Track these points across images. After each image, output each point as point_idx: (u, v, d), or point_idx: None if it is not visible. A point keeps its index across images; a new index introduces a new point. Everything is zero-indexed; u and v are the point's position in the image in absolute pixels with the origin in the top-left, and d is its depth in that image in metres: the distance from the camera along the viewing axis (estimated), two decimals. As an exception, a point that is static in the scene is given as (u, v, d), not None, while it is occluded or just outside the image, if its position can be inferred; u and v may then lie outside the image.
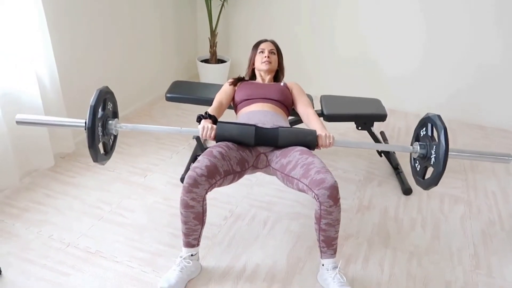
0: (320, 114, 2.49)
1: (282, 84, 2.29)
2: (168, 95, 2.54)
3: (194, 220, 1.74)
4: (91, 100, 1.74)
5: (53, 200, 2.32)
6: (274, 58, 2.33)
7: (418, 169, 2.00)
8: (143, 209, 2.28)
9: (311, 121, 2.07)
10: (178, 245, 1.96)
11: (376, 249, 2.07)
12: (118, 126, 1.92)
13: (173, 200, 2.36)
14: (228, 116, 2.30)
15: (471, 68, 3.37)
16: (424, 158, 1.92)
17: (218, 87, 2.51)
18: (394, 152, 2.74)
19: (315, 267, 1.91)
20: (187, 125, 3.11)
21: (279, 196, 2.44)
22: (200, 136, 1.88)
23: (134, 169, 2.64)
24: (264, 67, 2.29)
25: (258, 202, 2.38)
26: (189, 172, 1.67)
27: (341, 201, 1.69)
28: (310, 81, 3.93)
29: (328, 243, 1.76)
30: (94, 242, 2.03)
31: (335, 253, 1.79)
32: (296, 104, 2.24)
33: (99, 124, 1.82)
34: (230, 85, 2.30)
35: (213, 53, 3.87)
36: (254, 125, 1.87)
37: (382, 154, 2.76)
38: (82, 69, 2.79)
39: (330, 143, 1.86)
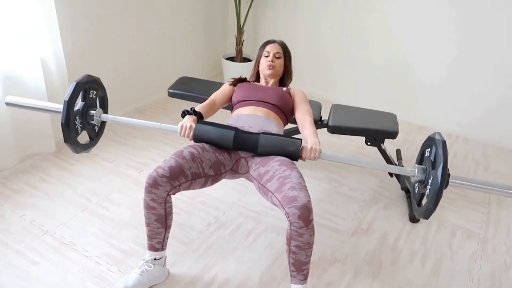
0: (325, 125, 2.32)
1: (284, 89, 2.14)
2: (170, 90, 2.48)
3: (156, 222, 1.65)
4: (66, 94, 1.71)
5: (47, 185, 2.34)
6: (279, 62, 2.18)
7: (416, 192, 1.79)
8: (129, 205, 2.24)
9: (304, 129, 1.91)
10: None
11: (362, 279, 1.88)
12: (100, 116, 1.88)
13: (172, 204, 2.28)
14: (224, 117, 2.19)
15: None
16: (422, 184, 1.71)
17: (224, 86, 2.41)
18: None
19: (287, 291, 1.77)
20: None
21: (271, 207, 2.30)
22: (179, 135, 1.79)
23: (132, 163, 2.61)
24: (267, 71, 2.15)
25: (248, 211, 2.26)
26: (151, 172, 1.59)
27: (337, 221, 1.53)
28: (334, 85, 3.74)
29: (298, 268, 1.61)
30: (71, 233, 2.01)
31: (305, 278, 1.63)
32: (295, 111, 2.08)
33: (78, 116, 1.79)
34: (230, 85, 2.19)
35: (239, 51, 3.78)
36: (235, 129, 1.75)
37: (393, 174, 2.53)
38: (93, 57, 2.80)
39: (315, 156, 1.70)
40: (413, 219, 2.26)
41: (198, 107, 1.94)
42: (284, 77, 2.25)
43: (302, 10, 3.62)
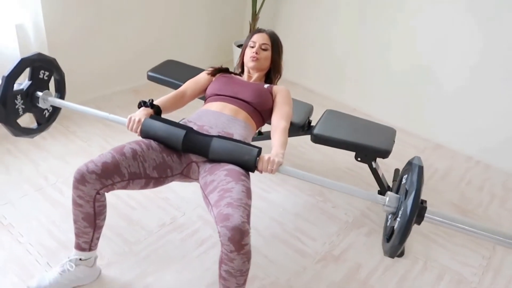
0: (310, 132, 2.04)
1: (266, 86, 1.89)
2: (150, 73, 2.28)
3: (83, 221, 1.48)
4: (8, 69, 1.55)
5: (10, 158, 2.23)
6: (265, 55, 1.92)
7: (387, 225, 1.51)
8: None
9: (273, 136, 1.67)
10: (102, 244, 1.70)
11: (314, 317, 1.63)
12: (47, 100, 1.71)
13: (129, 196, 2.10)
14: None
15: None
16: (394, 215, 1.43)
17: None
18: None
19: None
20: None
21: (237, 215, 2.06)
22: (126, 128, 1.59)
23: (107, 145, 2.45)
24: (250, 64, 1.91)
25: (209, 216, 2.03)
26: (80, 166, 1.40)
27: (307, 241, 1.30)
28: (343, 86, 3.42)
29: (227, 295, 1.38)
30: (14, 213, 1.89)
31: None
32: (273, 112, 1.83)
33: (20, 96, 1.64)
34: (207, 74, 1.96)
35: (252, 39, 3.52)
36: (187, 129, 1.53)
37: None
38: (81, 27, 2.63)
39: (271, 169, 1.45)
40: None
41: (160, 100, 1.74)
42: (271, 72, 2.00)
43: (325, 3, 3.31)
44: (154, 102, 1.67)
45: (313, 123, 2.17)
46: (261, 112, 1.82)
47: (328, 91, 3.53)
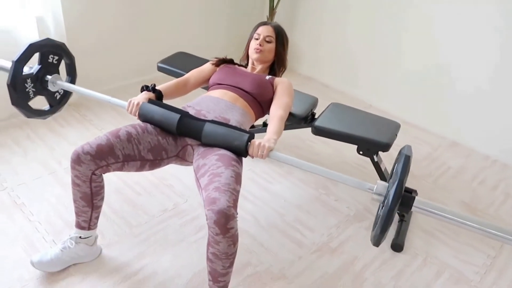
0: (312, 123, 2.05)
1: (268, 77, 1.92)
2: (159, 64, 2.35)
3: (82, 200, 1.56)
4: (17, 54, 1.66)
5: (29, 142, 2.37)
6: (269, 47, 1.95)
7: (377, 214, 1.51)
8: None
9: (269, 124, 1.70)
10: (100, 227, 1.81)
11: (303, 305, 1.64)
12: (55, 83, 1.81)
13: (135, 182, 2.19)
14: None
15: None
16: (383, 203, 1.42)
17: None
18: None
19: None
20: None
21: (240, 205, 2.10)
22: (126, 111, 1.67)
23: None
24: (254, 55, 1.95)
25: (211, 204, 2.09)
26: (77, 147, 1.48)
27: (305, 232, 1.33)
28: (357, 80, 3.39)
29: (214, 278, 1.43)
30: (28, 194, 2.01)
31: None
32: (272, 103, 1.86)
33: (30, 80, 1.74)
34: (212, 64, 2.02)
35: (269, 33, 3.54)
36: (182, 113, 1.58)
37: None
38: (95, 18, 2.72)
39: (262, 155, 1.48)
40: (396, 247, 1.95)
41: (163, 85, 1.81)
42: (275, 65, 2.02)
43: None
44: (157, 87, 1.74)
45: (317, 116, 2.18)
46: (260, 102, 1.85)
47: (344, 86, 3.51)
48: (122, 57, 2.98)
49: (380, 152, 2.07)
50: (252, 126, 2.38)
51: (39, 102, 1.90)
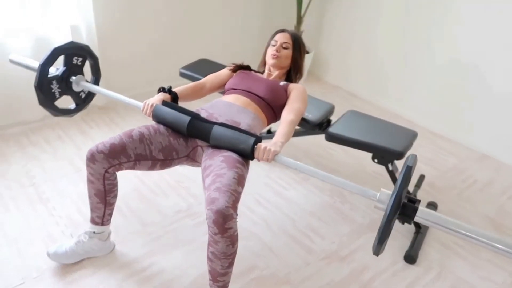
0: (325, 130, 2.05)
1: (282, 83, 1.94)
2: (182, 70, 2.43)
3: (96, 197, 1.64)
4: (42, 58, 1.78)
5: (59, 142, 2.52)
6: (286, 53, 1.97)
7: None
8: (123, 178, 2.24)
9: (279, 127, 1.72)
10: (116, 224, 1.90)
11: (306, 311, 1.63)
12: (79, 84, 1.93)
13: (153, 182, 2.27)
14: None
15: None
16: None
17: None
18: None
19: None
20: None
21: (249, 208, 2.13)
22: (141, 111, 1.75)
23: (143, 136, 2.65)
24: (271, 61, 1.97)
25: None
26: (92, 146, 1.57)
27: (316, 239, 1.36)
28: (386, 91, 3.32)
29: (214, 277, 1.46)
30: (53, 190, 2.13)
31: None
32: (286, 107, 1.88)
33: (56, 81, 1.86)
34: (229, 70, 2.06)
35: (296, 42, 3.57)
36: (193, 115, 1.63)
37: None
38: (127, 28, 2.85)
39: (267, 158, 1.50)
40: (409, 259, 1.89)
41: (179, 88, 1.87)
42: (291, 71, 2.03)
43: (380, 8, 3.26)
44: (174, 89, 1.80)
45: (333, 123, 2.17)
46: (273, 107, 1.87)
47: (371, 96, 3.46)
48: (150, 65, 3.10)
49: (396, 161, 2.03)
50: (269, 131, 2.40)
51: (66, 101, 2.03)
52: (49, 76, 1.83)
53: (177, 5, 3.02)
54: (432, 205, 2.23)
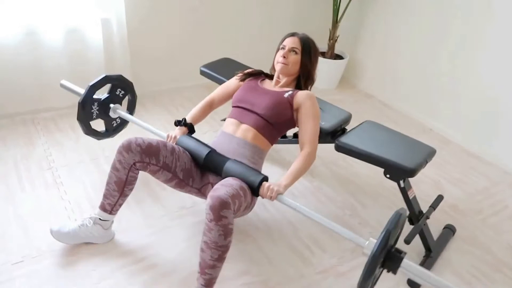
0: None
1: (286, 94, 1.83)
2: (202, 68, 2.44)
3: (115, 184, 1.69)
4: (93, 80, 1.98)
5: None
6: (295, 58, 1.86)
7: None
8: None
9: (295, 161, 1.72)
10: (119, 213, 1.93)
11: (291, 324, 1.58)
12: (115, 111, 2.09)
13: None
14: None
15: None
16: None
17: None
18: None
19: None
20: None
21: (257, 212, 2.09)
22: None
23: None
24: (278, 66, 1.89)
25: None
26: (130, 137, 1.64)
27: (316, 252, 1.60)
28: (421, 104, 3.16)
29: (202, 268, 1.48)
30: (68, 175, 2.22)
31: (206, 286, 1.48)
32: (299, 127, 1.83)
33: (97, 103, 2.04)
34: (237, 79, 2.02)
35: (331, 46, 3.48)
36: (211, 149, 1.74)
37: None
38: (156, 23, 2.90)
39: (270, 196, 1.56)
40: (412, 283, 1.78)
41: (190, 114, 1.95)
42: (300, 78, 1.94)
43: (409, 14, 3.11)
44: (186, 117, 1.90)
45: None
46: (274, 125, 1.81)
47: (404, 107, 3.31)
48: (175, 61, 3.14)
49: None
50: (284, 136, 2.34)
51: (98, 125, 2.17)
52: (93, 97, 2.00)
53: (208, 2, 3.04)
54: (449, 229, 2.08)
